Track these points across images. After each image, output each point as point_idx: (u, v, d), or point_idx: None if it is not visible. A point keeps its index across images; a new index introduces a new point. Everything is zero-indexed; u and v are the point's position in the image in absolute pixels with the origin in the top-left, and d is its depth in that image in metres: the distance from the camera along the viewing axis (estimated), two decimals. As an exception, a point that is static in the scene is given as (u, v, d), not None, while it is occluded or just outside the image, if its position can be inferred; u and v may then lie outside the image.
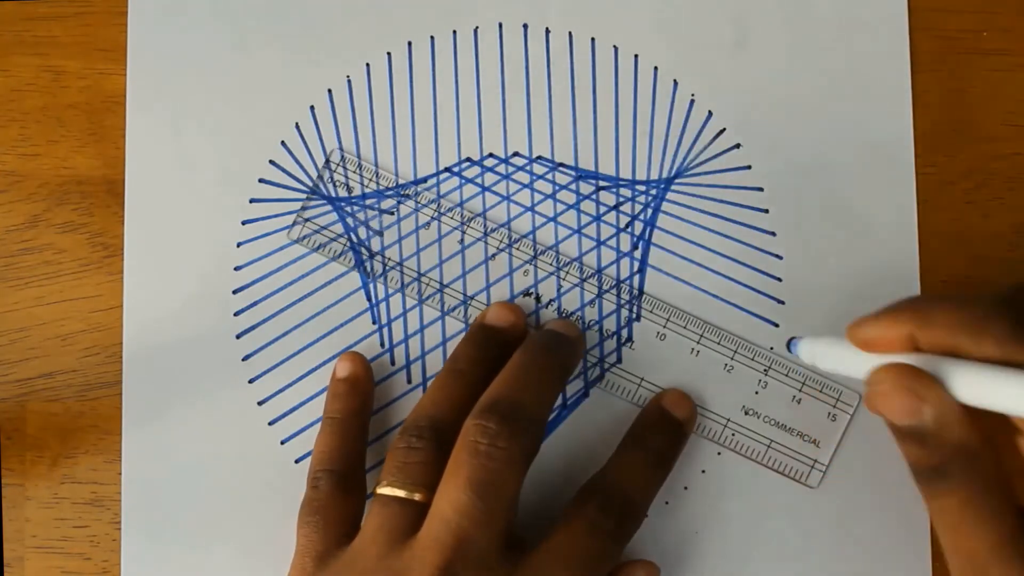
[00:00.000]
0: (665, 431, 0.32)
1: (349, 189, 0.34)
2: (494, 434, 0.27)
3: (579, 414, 0.34)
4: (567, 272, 0.34)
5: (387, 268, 0.34)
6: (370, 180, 0.34)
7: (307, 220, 0.34)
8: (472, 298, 0.34)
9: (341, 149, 0.35)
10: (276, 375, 0.34)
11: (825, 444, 0.33)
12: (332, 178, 0.34)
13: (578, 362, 0.33)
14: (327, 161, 0.34)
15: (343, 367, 0.33)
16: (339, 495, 0.30)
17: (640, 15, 0.35)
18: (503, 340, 0.32)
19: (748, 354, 0.33)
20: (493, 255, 0.34)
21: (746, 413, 0.33)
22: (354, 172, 0.34)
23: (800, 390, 0.33)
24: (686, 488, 0.33)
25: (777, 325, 0.34)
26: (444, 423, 0.29)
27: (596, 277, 0.34)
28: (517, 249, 0.34)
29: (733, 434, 0.33)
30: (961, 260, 0.34)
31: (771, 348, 0.33)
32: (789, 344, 0.32)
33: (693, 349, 0.33)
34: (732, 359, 0.33)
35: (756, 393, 0.33)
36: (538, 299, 0.34)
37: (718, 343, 0.33)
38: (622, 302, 0.34)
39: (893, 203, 0.34)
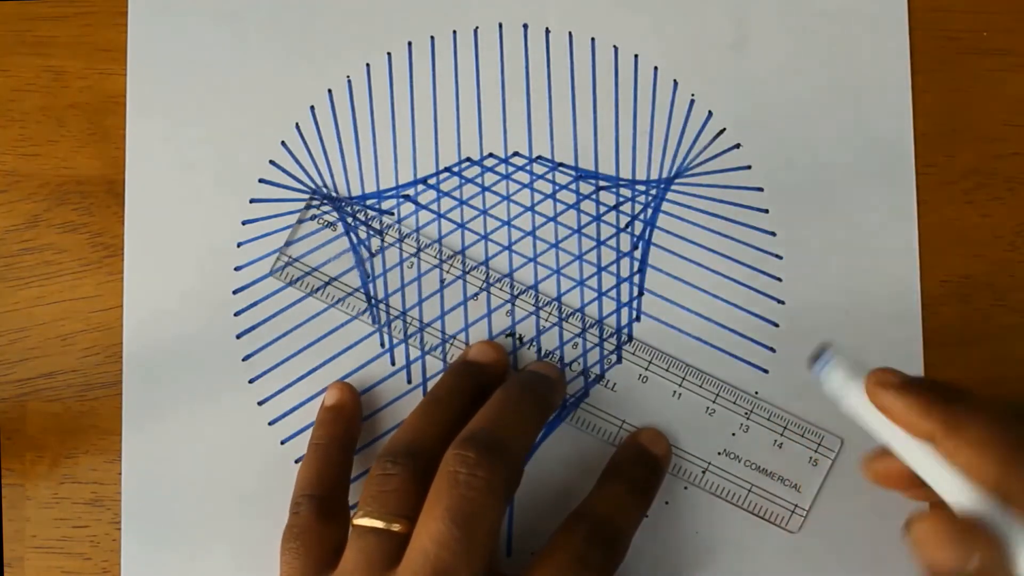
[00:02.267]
0: (644, 465, 0.32)
1: (332, 228, 0.34)
2: (474, 464, 0.27)
3: (558, 451, 0.33)
4: (548, 312, 0.34)
5: (381, 305, 0.34)
6: (350, 220, 0.34)
7: (291, 258, 0.34)
8: (453, 337, 0.34)
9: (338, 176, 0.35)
10: (276, 375, 0.34)
11: (807, 489, 0.33)
12: (314, 217, 0.34)
13: (559, 402, 0.33)
14: (308, 201, 0.34)
15: (331, 396, 0.33)
16: (320, 521, 0.30)
17: (640, 15, 0.35)
18: (484, 376, 0.32)
19: (730, 397, 0.33)
20: (475, 295, 0.34)
21: (727, 456, 0.33)
22: (332, 212, 0.34)
23: (782, 434, 0.33)
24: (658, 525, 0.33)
25: (777, 325, 0.34)
26: (421, 450, 0.29)
27: (582, 319, 0.34)
28: (498, 289, 0.34)
29: (714, 478, 0.33)
30: (961, 260, 0.34)
31: (756, 392, 0.33)
32: (818, 356, 0.28)
33: (675, 392, 0.33)
34: (714, 402, 0.33)
35: (737, 436, 0.33)
36: (519, 340, 0.34)
37: (700, 386, 0.33)
38: (622, 326, 0.34)
39: (893, 203, 0.34)
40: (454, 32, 0.35)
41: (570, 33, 0.35)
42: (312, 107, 0.35)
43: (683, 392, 0.33)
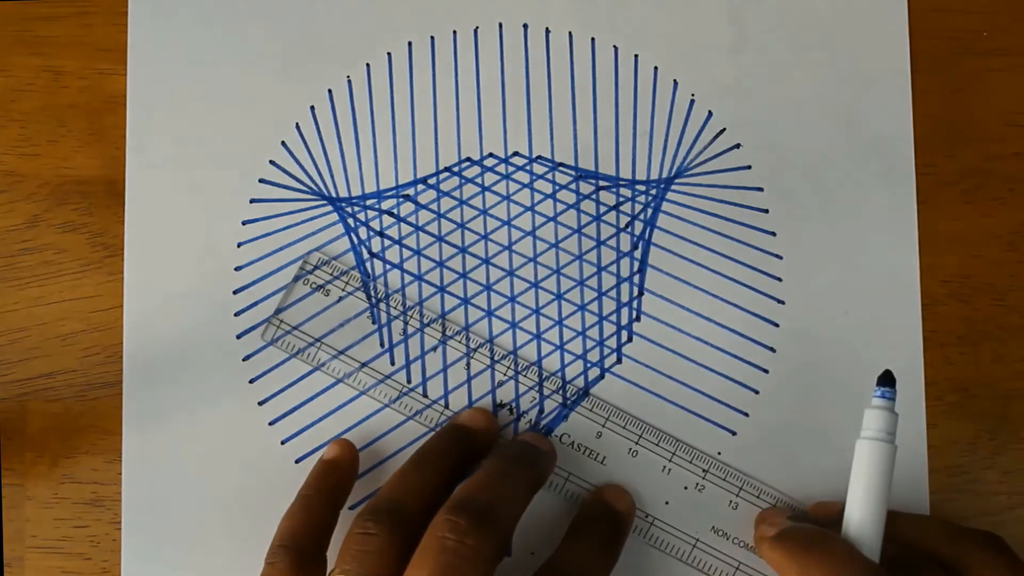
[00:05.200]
0: (608, 522, 0.32)
1: (327, 292, 0.34)
2: (463, 531, 0.27)
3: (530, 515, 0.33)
4: (546, 386, 0.34)
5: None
6: (346, 284, 0.34)
7: (282, 323, 0.34)
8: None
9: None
10: (277, 375, 0.34)
11: None
12: (308, 280, 0.34)
13: (548, 475, 0.33)
14: (303, 264, 0.34)
15: (330, 451, 0.33)
16: (295, 574, 0.29)
17: (640, 15, 0.35)
18: (473, 442, 0.32)
19: (720, 474, 0.33)
20: (478, 372, 0.34)
21: (716, 533, 0.33)
22: (329, 273, 0.34)
23: None
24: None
25: (777, 325, 0.34)
26: (403, 509, 0.29)
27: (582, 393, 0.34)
28: (498, 363, 0.34)
29: (702, 555, 0.33)
30: (961, 260, 0.34)
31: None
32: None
33: (664, 467, 0.33)
34: (703, 478, 0.33)
35: (727, 513, 0.33)
36: (512, 411, 0.34)
37: (690, 462, 0.33)
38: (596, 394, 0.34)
39: (893, 203, 0.34)
40: (454, 32, 0.35)
41: (570, 33, 0.35)
42: (312, 107, 0.35)
43: (672, 467, 0.33)
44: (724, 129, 0.34)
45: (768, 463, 0.33)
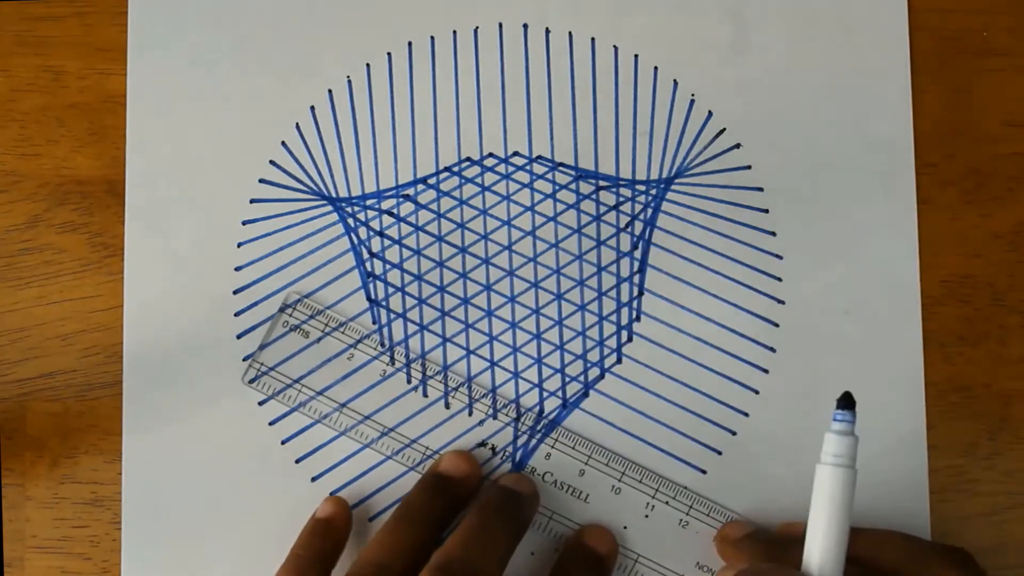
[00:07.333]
0: (588, 566, 0.32)
1: (307, 334, 0.34)
2: None
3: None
4: (523, 423, 0.33)
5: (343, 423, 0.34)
6: (326, 325, 0.34)
7: (262, 365, 0.34)
8: (427, 446, 0.34)
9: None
10: (277, 375, 0.34)
11: None
12: (287, 322, 0.34)
13: (532, 519, 0.32)
14: (284, 305, 0.34)
15: (324, 509, 0.32)
16: None
17: (640, 15, 0.35)
18: (457, 489, 0.32)
19: (703, 509, 0.33)
20: (457, 412, 0.34)
21: (701, 570, 0.33)
22: (307, 313, 0.34)
23: None
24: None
25: (777, 325, 0.34)
26: (389, 569, 0.28)
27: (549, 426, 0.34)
28: (477, 402, 0.34)
29: None
30: (961, 260, 0.34)
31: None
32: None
33: (648, 503, 0.33)
34: (687, 514, 0.33)
35: (711, 549, 0.33)
36: (493, 450, 0.34)
37: (673, 498, 0.33)
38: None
39: (893, 203, 0.34)
40: (454, 32, 0.35)
41: (570, 33, 0.35)
42: (312, 107, 0.35)
43: (656, 504, 0.33)
44: (724, 129, 0.34)
45: (768, 463, 0.33)
